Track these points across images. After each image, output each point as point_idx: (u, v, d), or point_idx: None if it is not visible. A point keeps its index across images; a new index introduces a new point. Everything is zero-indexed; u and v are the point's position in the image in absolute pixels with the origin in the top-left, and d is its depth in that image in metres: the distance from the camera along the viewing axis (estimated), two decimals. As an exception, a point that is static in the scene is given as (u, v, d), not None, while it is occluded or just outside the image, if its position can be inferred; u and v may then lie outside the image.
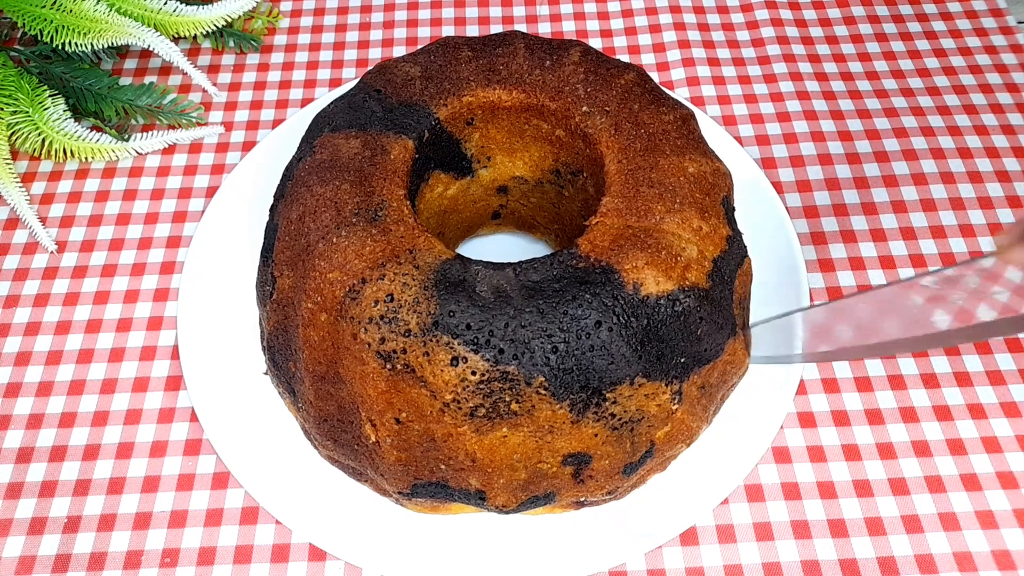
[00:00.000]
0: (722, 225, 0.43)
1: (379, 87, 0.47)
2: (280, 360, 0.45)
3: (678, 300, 0.40)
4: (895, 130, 0.62)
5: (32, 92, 0.60)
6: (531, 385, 0.38)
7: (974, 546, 0.45)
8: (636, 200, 0.42)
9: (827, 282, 0.55)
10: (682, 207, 0.42)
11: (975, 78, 0.65)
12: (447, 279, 0.39)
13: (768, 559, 0.45)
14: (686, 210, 0.42)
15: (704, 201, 0.43)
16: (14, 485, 0.48)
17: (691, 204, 0.42)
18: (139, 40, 0.61)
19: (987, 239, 0.56)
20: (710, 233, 0.42)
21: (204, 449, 0.49)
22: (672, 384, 0.40)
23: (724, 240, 0.42)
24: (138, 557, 0.45)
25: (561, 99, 0.47)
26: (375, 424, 0.40)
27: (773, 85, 0.65)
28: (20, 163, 0.62)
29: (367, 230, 0.41)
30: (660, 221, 0.41)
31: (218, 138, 0.63)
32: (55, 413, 0.50)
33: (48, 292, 0.55)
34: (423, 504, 0.44)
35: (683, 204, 0.42)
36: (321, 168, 0.44)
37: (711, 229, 0.42)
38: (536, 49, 0.48)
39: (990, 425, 0.49)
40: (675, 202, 0.42)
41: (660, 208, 0.42)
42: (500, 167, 0.51)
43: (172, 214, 0.59)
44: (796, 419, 0.49)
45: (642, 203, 0.42)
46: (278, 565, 0.45)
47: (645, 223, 0.41)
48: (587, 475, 0.41)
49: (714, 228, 0.42)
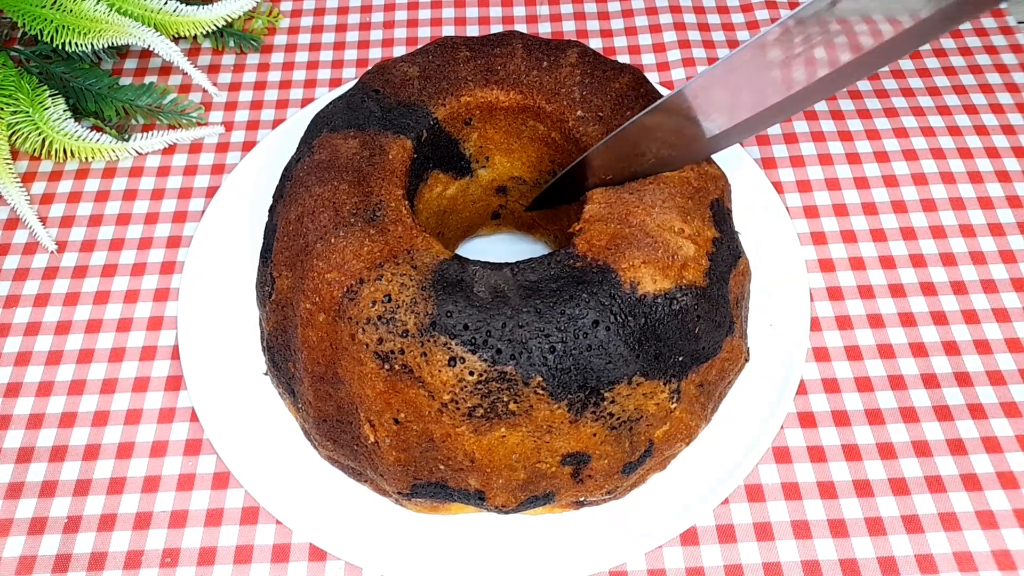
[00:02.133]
0: (707, 228, 0.43)
1: (377, 87, 0.47)
2: (280, 360, 0.45)
3: (675, 299, 0.40)
4: (895, 130, 0.62)
5: (32, 92, 0.60)
6: (529, 385, 0.38)
7: (974, 546, 0.45)
8: (618, 206, 0.42)
9: (827, 282, 0.55)
10: (662, 212, 0.42)
11: (975, 78, 0.65)
12: (445, 279, 0.39)
13: (768, 559, 0.45)
14: (666, 214, 0.42)
15: (686, 205, 0.42)
16: (14, 485, 0.48)
17: (671, 208, 0.42)
18: (139, 40, 0.61)
19: (988, 239, 0.56)
20: (692, 236, 0.42)
21: (204, 449, 0.49)
22: (670, 383, 0.40)
23: (709, 242, 0.42)
24: (138, 557, 0.45)
25: (557, 102, 0.47)
26: (374, 424, 0.40)
27: (773, 85, 0.65)
28: (20, 163, 0.62)
29: (365, 230, 0.41)
30: (641, 223, 0.41)
31: (218, 138, 0.63)
32: (55, 413, 0.50)
33: (48, 292, 0.55)
34: (423, 504, 0.44)
35: (663, 209, 0.42)
36: (319, 168, 0.44)
37: (694, 232, 0.42)
38: (534, 50, 0.48)
39: (990, 425, 0.49)
40: (655, 207, 0.42)
41: (640, 212, 0.42)
42: (499, 167, 0.51)
43: (172, 214, 0.59)
44: (796, 419, 0.49)
45: (624, 208, 0.42)
46: (278, 565, 0.45)
47: (626, 227, 0.41)
48: (586, 475, 0.41)
49: (697, 231, 0.42)
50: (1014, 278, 0.55)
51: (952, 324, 0.53)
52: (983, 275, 0.55)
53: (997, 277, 0.55)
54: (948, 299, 0.54)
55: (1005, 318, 0.53)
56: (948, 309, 0.53)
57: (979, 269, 0.55)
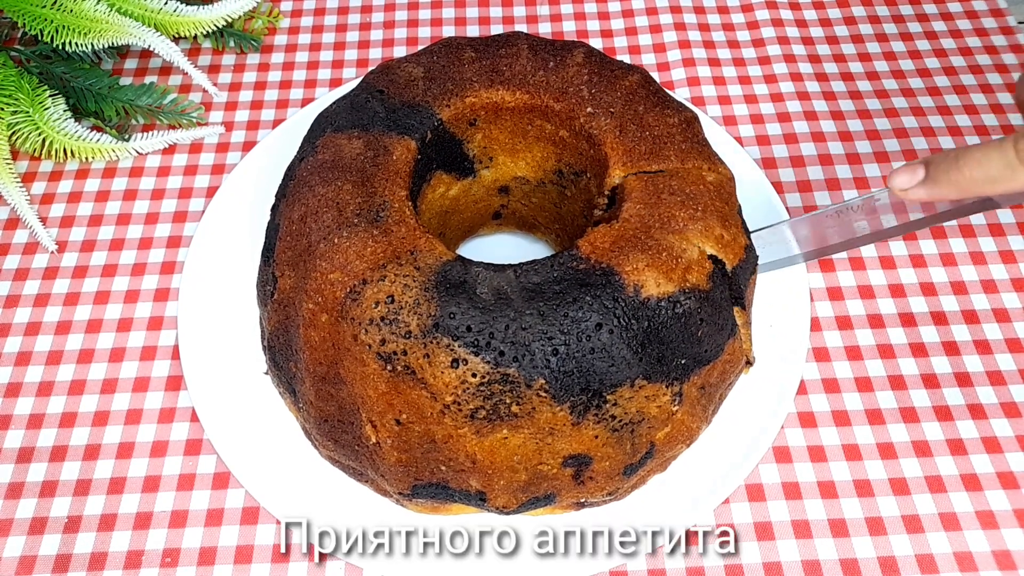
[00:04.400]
0: (741, 234, 0.43)
1: (382, 87, 0.47)
2: (281, 360, 0.45)
3: (679, 302, 0.40)
4: (895, 130, 0.62)
5: (32, 92, 0.60)
6: (531, 387, 0.38)
7: (975, 546, 0.45)
8: (659, 207, 0.42)
9: (827, 282, 0.55)
10: (705, 215, 0.42)
11: (975, 78, 0.65)
12: (448, 281, 0.39)
13: (769, 559, 0.45)
14: (708, 218, 0.42)
15: (724, 209, 0.43)
16: (14, 485, 0.48)
17: (713, 212, 0.42)
18: (139, 40, 0.61)
19: (987, 239, 0.57)
20: (731, 242, 0.42)
21: (204, 449, 0.49)
22: (672, 386, 0.40)
23: (743, 249, 0.43)
24: (139, 557, 0.45)
25: (565, 100, 0.47)
26: (375, 425, 0.40)
27: (773, 85, 0.65)
28: (20, 163, 0.62)
29: (368, 231, 0.41)
30: (683, 228, 0.41)
31: (218, 138, 0.63)
32: (55, 413, 0.50)
33: (48, 292, 0.55)
34: (423, 505, 0.44)
35: (706, 212, 0.42)
36: (323, 168, 0.44)
37: (732, 238, 0.42)
38: (539, 50, 0.48)
39: (990, 425, 0.49)
40: (697, 210, 0.42)
41: (683, 215, 0.42)
42: (502, 167, 0.51)
43: (172, 214, 0.59)
44: (797, 419, 0.49)
45: (665, 210, 0.42)
46: (278, 565, 0.45)
47: (668, 230, 0.41)
48: (587, 476, 0.41)
49: (735, 237, 0.42)
50: (1014, 278, 0.55)
51: (952, 324, 0.53)
52: (983, 275, 0.55)
53: (997, 277, 0.55)
54: (948, 299, 0.54)
55: (1005, 318, 0.53)
56: (948, 309, 0.54)
57: (979, 269, 0.55)
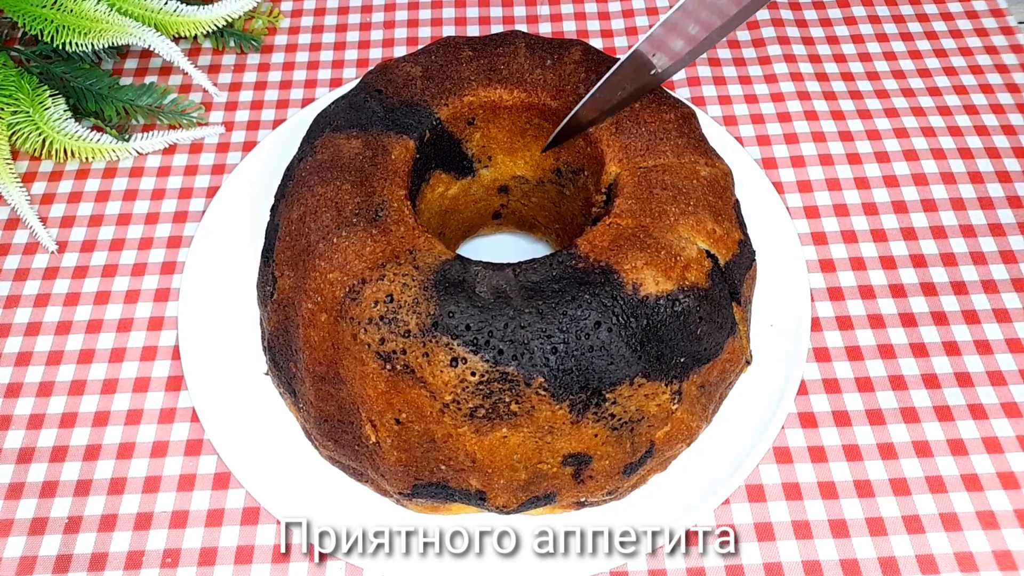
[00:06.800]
0: (734, 229, 0.43)
1: (380, 87, 0.47)
2: (281, 360, 0.45)
3: (678, 300, 0.40)
4: (895, 130, 0.62)
5: (32, 92, 0.60)
6: (531, 386, 0.38)
7: (975, 546, 0.45)
8: (650, 202, 0.42)
9: (827, 282, 0.55)
10: (696, 210, 0.42)
11: (976, 78, 0.65)
12: (447, 280, 0.39)
13: (769, 559, 0.45)
14: (700, 213, 0.42)
15: (717, 204, 0.43)
16: (15, 485, 0.48)
17: (705, 207, 0.42)
18: (140, 40, 0.61)
19: (988, 239, 0.56)
20: (723, 237, 0.42)
21: (205, 449, 0.49)
22: (672, 384, 0.40)
23: (736, 244, 0.43)
24: (139, 557, 0.45)
25: (562, 98, 0.47)
26: (375, 425, 0.40)
27: (774, 85, 0.65)
28: (20, 163, 0.62)
29: (367, 230, 0.41)
30: (674, 223, 0.41)
31: (219, 138, 0.63)
32: (56, 413, 0.50)
33: (48, 292, 0.55)
34: (423, 504, 0.44)
35: (697, 207, 0.42)
36: (322, 168, 0.44)
37: (724, 233, 0.42)
38: (537, 48, 0.48)
39: (990, 425, 0.49)
40: (689, 204, 0.42)
41: (674, 210, 0.42)
42: (501, 166, 0.51)
43: (173, 214, 0.59)
44: (797, 419, 0.49)
45: (656, 205, 0.42)
46: (278, 565, 0.45)
47: (659, 225, 0.41)
48: (587, 475, 0.41)
49: (727, 232, 0.42)
50: (1014, 278, 0.55)
51: (952, 324, 0.53)
52: (983, 275, 0.55)
53: (997, 277, 0.55)
54: (948, 299, 0.54)
55: (1005, 318, 0.53)
56: (948, 309, 0.53)
57: (979, 269, 0.55)
